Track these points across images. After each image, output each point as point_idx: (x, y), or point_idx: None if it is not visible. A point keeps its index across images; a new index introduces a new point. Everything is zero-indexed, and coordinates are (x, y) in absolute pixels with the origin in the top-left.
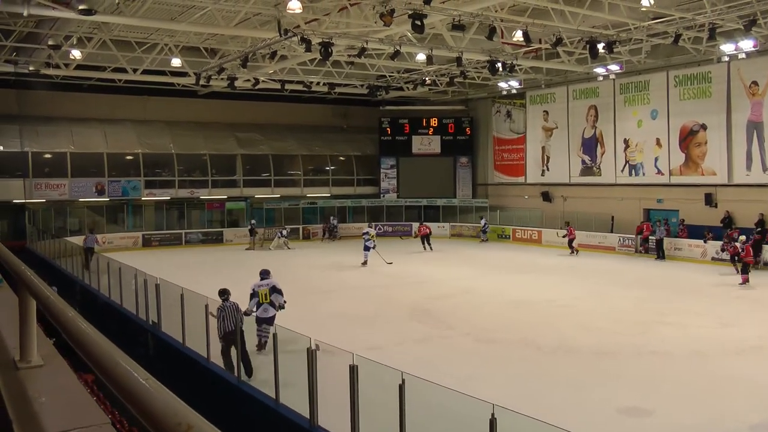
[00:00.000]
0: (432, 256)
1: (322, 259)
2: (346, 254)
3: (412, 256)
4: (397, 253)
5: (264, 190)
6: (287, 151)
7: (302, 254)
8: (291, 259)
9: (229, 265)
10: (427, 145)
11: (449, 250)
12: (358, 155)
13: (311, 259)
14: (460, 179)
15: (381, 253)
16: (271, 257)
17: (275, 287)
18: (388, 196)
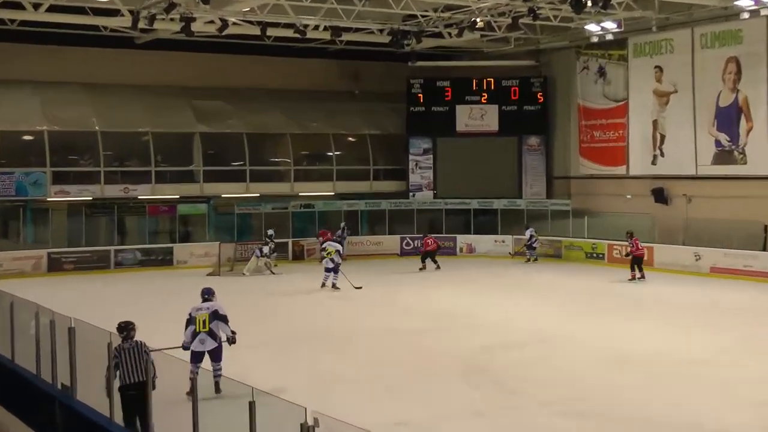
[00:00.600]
0: (485, 285)
1: (322, 289)
2: (357, 280)
3: (450, 281)
4: (423, 279)
5: (235, 186)
6: (270, 128)
7: (293, 281)
8: (276, 289)
9: (183, 300)
10: (478, 120)
11: (509, 275)
12: (375, 135)
13: (307, 289)
14: (529, 170)
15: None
16: (246, 286)
17: (218, 312)
18: (420, 195)
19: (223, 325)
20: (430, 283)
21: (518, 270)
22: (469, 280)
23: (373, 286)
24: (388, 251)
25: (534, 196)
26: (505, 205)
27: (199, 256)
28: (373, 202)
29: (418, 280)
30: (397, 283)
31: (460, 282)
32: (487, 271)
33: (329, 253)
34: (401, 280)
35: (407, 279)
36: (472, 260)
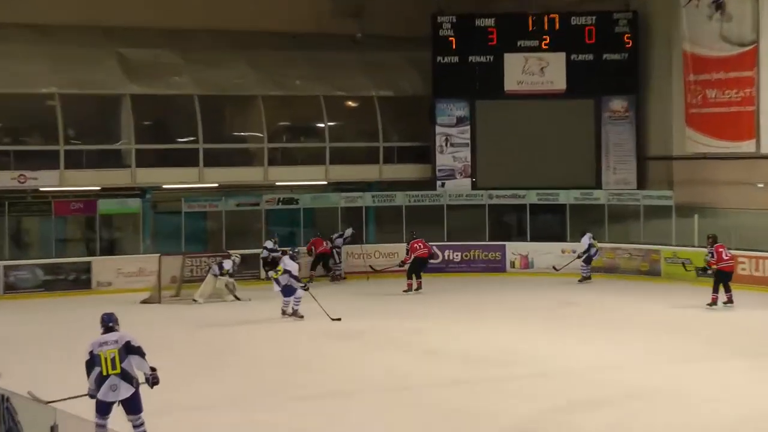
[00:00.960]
0: (547, 318)
1: (309, 321)
2: (360, 306)
3: (494, 311)
4: (451, 308)
5: (182, 173)
6: (234, 88)
7: (265, 310)
8: (242, 321)
9: None
10: (536, 75)
11: (584, 301)
12: (386, 97)
13: (284, 321)
14: (611, 148)
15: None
16: (198, 317)
17: (130, 345)
18: (452, 185)
19: (139, 361)
20: (464, 314)
21: (592, 293)
22: (522, 309)
23: (381, 316)
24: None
25: (619, 185)
26: (577, 199)
27: (130, 274)
28: (383, 195)
29: (445, 309)
30: (415, 313)
31: (508, 312)
32: (550, 296)
33: (277, 272)
34: (421, 308)
35: (428, 307)
36: (528, 279)
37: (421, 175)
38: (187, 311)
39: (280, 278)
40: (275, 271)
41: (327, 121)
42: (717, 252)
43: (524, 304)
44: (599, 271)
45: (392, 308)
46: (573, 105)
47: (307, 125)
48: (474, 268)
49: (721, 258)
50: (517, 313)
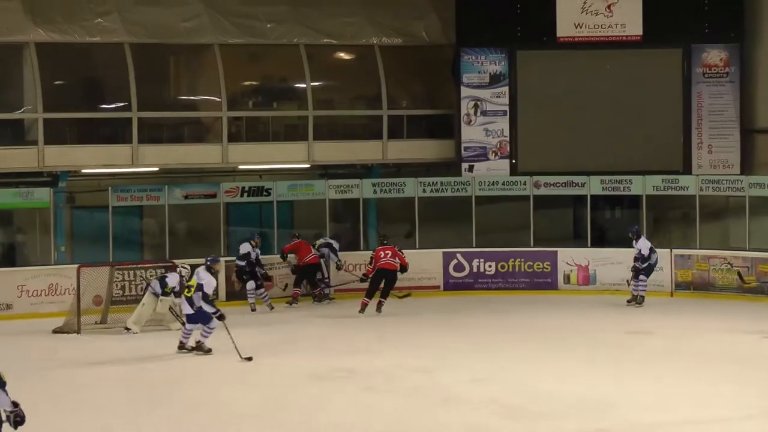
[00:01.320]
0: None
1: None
2: (351, 335)
3: (550, 343)
4: (484, 337)
5: (108, 152)
6: (179, 34)
7: (226, 341)
8: (194, 358)
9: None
10: (601, 15)
11: (664, 327)
12: (391, 47)
13: (267, 359)
14: (706, 117)
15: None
16: (131, 351)
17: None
18: (483, 167)
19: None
20: (493, 347)
21: (676, 318)
22: (575, 340)
23: (379, 349)
24: (421, 282)
25: (716, 168)
26: (657, 188)
27: (37, 293)
28: (388, 183)
29: (468, 340)
30: (427, 345)
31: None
32: (616, 322)
33: (190, 290)
34: (435, 339)
35: (446, 337)
36: (588, 300)
37: (440, 156)
38: (117, 344)
39: (194, 297)
40: (188, 288)
41: (310, 81)
42: None
43: (579, 334)
44: (684, 288)
45: (394, 338)
46: (652, 58)
47: (282, 86)
48: (513, 285)
49: None
50: (569, 345)
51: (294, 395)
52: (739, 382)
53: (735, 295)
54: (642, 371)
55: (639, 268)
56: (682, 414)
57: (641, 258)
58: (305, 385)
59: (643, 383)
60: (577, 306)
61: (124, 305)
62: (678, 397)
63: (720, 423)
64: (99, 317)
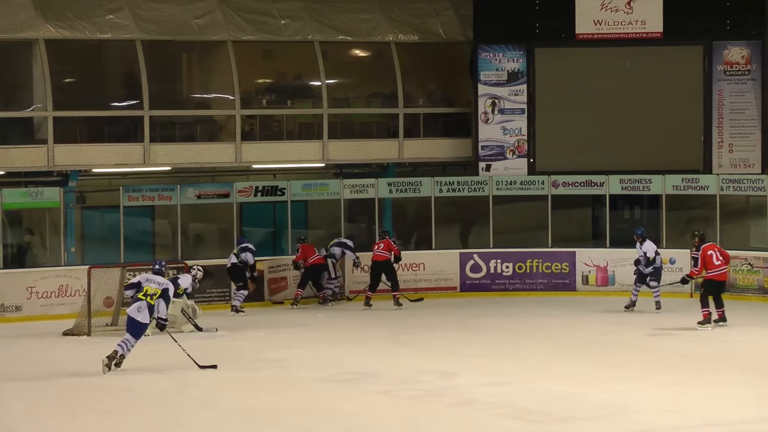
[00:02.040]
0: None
1: (295, 366)
2: (362, 338)
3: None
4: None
5: (120, 151)
6: (191, 31)
7: (240, 345)
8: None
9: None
10: (621, 11)
11: (685, 328)
12: (407, 44)
13: (269, 363)
14: (726, 115)
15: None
16: (145, 355)
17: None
18: (500, 166)
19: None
20: (511, 349)
21: (695, 320)
22: (594, 342)
23: (393, 353)
24: (438, 283)
25: (737, 168)
26: (677, 188)
27: (47, 295)
28: (404, 182)
29: (486, 342)
30: (443, 349)
31: (574, 345)
32: (635, 323)
33: (149, 296)
34: (451, 342)
35: (461, 340)
36: (607, 301)
37: (457, 155)
38: None
39: (160, 307)
40: (149, 296)
41: (325, 79)
42: (703, 255)
43: (597, 336)
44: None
45: (411, 341)
46: (673, 55)
47: (296, 84)
48: (531, 286)
49: (708, 262)
50: (587, 348)
51: (309, 398)
52: (759, 386)
53: (756, 296)
54: (660, 374)
55: (644, 273)
56: (700, 418)
57: (645, 261)
58: (321, 388)
59: (661, 386)
60: (596, 307)
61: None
62: (696, 401)
63: (738, 426)
64: (110, 319)
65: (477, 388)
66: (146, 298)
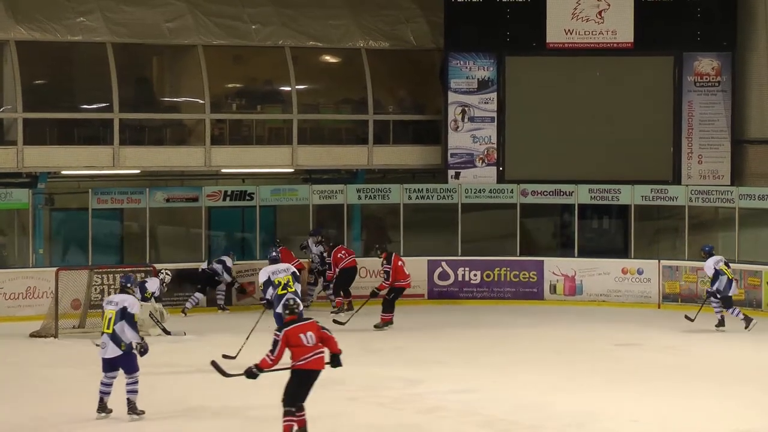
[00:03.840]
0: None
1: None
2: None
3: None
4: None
5: (89, 153)
6: (162, 36)
7: (208, 349)
8: (173, 366)
9: None
10: (592, 20)
11: (649, 339)
12: (380, 50)
13: (234, 365)
14: (696, 126)
15: None
16: None
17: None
18: (470, 175)
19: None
20: (478, 358)
21: (661, 331)
22: (561, 351)
23: (358, 361)
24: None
25: (706, 179)
26: (646, 198)
27: (14, 296)
28: (373, 189)
29: (451, 351)
30: (410, 358)
31: (542, 355)
32: (603, 334)
33: (107, 323)
34: (418, 350)
35: (429, 348)
36: (574, 310)
37: (426, 162)
38: (96, 348)
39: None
40: (107, 324)
41: (295, 84)
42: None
43: (566, 344)
44: (672, 300)
45: (376, 348)
46: (643, 65)
47: (266, 89)
48: (498, 294)
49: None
50: (554, 357)
51: (274, 403)
52: (724, 397)
53: None
54: (627, 384)
55: (709, 292)
56: (666, 429)
57: (711, 280)
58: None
59: (628, 396)
60: (564, 317)
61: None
62: (662, 411)
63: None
64: (77, 321)
65: (444, 395)
66: (106, 330)
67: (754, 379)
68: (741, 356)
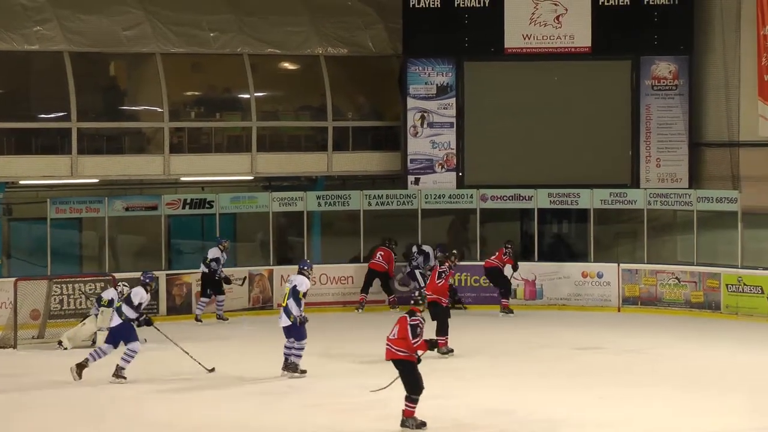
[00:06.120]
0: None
1: (239, 372)
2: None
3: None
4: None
5: (47, 163)
6: (120, 44)
7: (168, 359)
8: (131, 375)
9: None
10: (550, 25)
11: (612, 343)
12: (339, 57)
13: (194, 376)
14: (654, 130)
15: None
16: (59, 372)
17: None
18: (429, 180)
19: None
20: (439, 364)
21: (623, 335)
22: (521, 355)
23: (322, 368)
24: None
25: (664, 182)
26: (605, 202)
27: None
28: (333, 195)
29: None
30: (372, 363)
31: (501, 360)
32: (563, 338)
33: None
34: (380, 357)
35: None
36: (534, 315)
37: (386, 168)
38: (56, 359)
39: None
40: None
41: (254, 91)
42: None
43: (527, 349)
44: (631, 303)
45: (339, 354)
46: (601, 70)
47: (225, 97)
48: (460, 299)
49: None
50: (517, 361)
51: (235, 411)
52: (688, 398)
53: (682, 310)
54: (590, 388)
55: None
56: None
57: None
58: (248, 401)
59: (591, 400)
60: (524, 321)
61: (62, 319)
62: (625, 414)
63: None
64: (36, 332)
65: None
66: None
67: (715, 381)
68: (702, 358)
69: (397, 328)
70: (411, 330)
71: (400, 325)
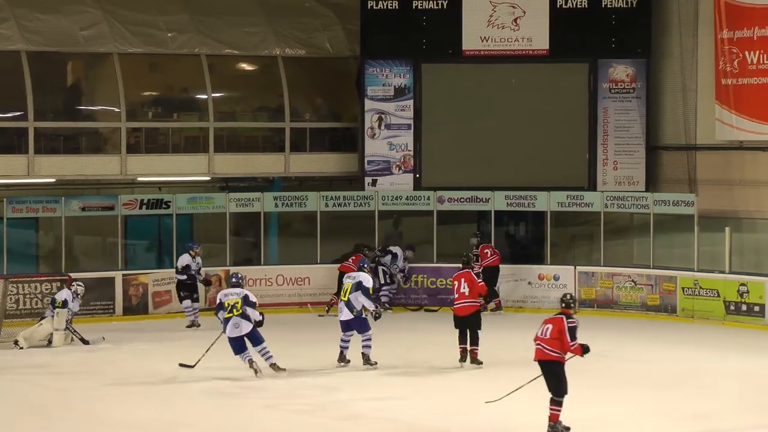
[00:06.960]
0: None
1: (194, 373)
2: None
3: None
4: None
5: (3, 163)
6: (78, 43)
7: (119, 360)
8: (83, 373)
9: None
10: (508, 28)
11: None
12: (296, 57)
13: (158, 374)
14: (611, 133)
15: None
16: (14, 372)
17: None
18: (386, 182)
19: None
20: (397, 366)
21: (582, 337)
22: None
23: (290, 369)
24: (323, 297)
25: (621, 185)
26: (562, 204)
27: None
28: (290, 196)
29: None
30: (328, 365)
31: (456, 362)
32: (518, 341)
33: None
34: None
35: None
36: (491, 318)
37: (343, 169)
38: (12, 357)
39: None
40: (228, 309)
41: (211, 92)
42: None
43: (487, 351)
44: (588, 306)
45: (294, 355)
46: (558, 72)
47: (182, 97)
48: (416, 300)
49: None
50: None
51: (192, 411)
52: (651, 400)
53: (638, 313)
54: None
55: None
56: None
57: None
58: (204, 402)
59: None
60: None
61: (18, 319)
62: (588, 416)
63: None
64: None
65: (362, 402)
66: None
67: (671, 384)
68: (657, 361)
69: (550, 328)
70: (569, 332)
71: (554, 326)
